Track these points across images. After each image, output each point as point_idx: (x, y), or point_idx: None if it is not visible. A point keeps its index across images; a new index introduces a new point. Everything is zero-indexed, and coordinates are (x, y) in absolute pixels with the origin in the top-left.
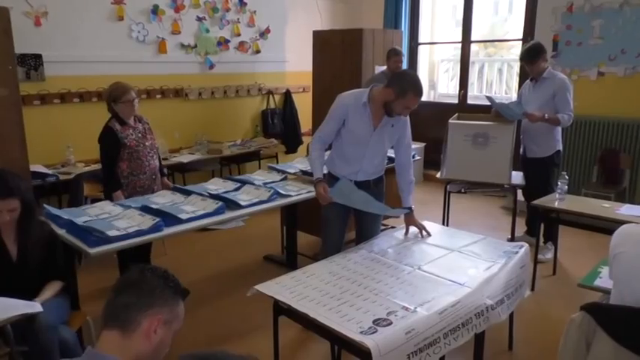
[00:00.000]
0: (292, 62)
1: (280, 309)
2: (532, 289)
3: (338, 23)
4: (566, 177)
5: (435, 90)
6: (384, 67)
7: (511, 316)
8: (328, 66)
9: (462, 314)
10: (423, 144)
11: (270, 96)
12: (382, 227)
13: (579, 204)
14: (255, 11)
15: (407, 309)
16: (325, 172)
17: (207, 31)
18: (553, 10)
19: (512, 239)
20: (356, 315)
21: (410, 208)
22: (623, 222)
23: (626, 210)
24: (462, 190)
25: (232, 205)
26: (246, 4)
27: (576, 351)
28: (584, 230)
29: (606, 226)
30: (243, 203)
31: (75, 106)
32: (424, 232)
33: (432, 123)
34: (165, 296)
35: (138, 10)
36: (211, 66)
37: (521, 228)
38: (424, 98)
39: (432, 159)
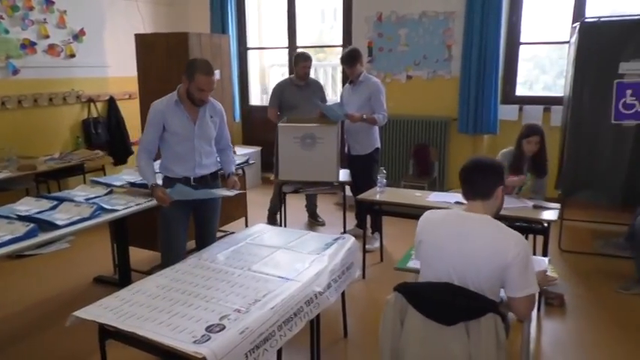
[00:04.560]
0: (115, 67)
1: (107, 333)
2: (363, 277)
3: (162, 26)
4: (384, 171)
5: (267, 94)
6: (215, 72)
7: (344, 304)
8: (154, 71)
9: (293, 304)
10: (259, 148)
11: (92, 104)
12: (222, 234)
13: (397, 195)
14: (65, 11)
15: (239, 311)
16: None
17: (7, 32)
18: (366, 19)
19: (344, 232)
20: (188, 325)
21: (231, 173)
22: (432, 208)
23: (433, 197)
24: (297, 190)
25: (47, 226)
26: (53, 2)
27: (393, 329)
28: (404, 218)
29: (420, 213)
30: (60, 223)
31: None
32: (235, 187)
33: (266, 127)
34: None
35: None
36: (15, 71)
37: (353, 221)
38: (257, 103)
39: (269, 162)
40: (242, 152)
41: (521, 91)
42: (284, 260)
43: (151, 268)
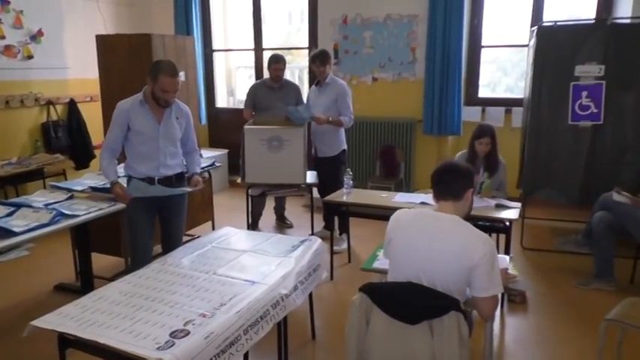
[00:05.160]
0: (75, 69)
1: (67, 342)
2: (331, 278)
3: (124, 28)
4: (351, 173)
5: (234, 96)
6: (180, 74)
7: (311, 306)
8: (116, 73)
9: (259, 308)
10: (226, 150)
11: (51, 107)
12: (189, 238)
13: (363, 196)
14: (21, 11)
15: (204, 315)
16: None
17: None
18: (331, 21)
19: (312, 234)
20: (152, 331)
21: (195, 173)
22: (398, 208)
23: (399, 198)
24: (264, 193)
25: (3, 233)
26: (9, 2)
27: (358, 329)
28: (371, 219)
29: (387, 214)
30: (17, 230)
31: None
32: (198, 186)
33: (233, 129)
34: None
35: None
36: None
37: (321, 223)
38: (223, 105)
39: (236, 165)
40: (208, 155)
41: (484, 92)
42: (250, 263)
43: (114, 275)
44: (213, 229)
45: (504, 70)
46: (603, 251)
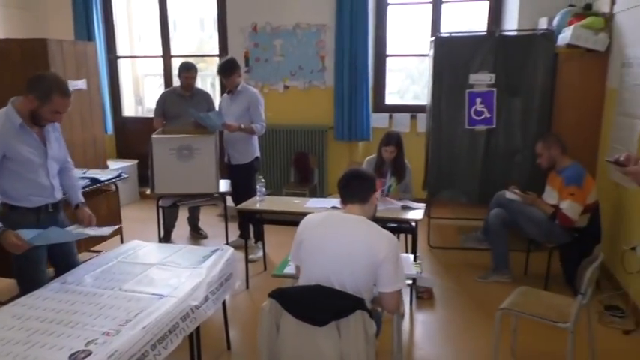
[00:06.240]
0: None
1: None
2: (247, 287)
3: (16, 32)
4: (263, 180)
5: (143, 105)
6: (81, 82)
7: (226, 316)
8: (8, 81)
9: (168, 321)
10: (135, 161)
11: None
12: (95, 254)
13: (276, 203)
14: None
15: (108, 333)
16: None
17: None
18: (241, 29)
19: (227, 243)
20: (49, 355)
21: (81, 203)
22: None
23: (311, 203)
24: (175, 204)
25: None
26: None
27: (269, 334)
28: (286, 226)
29: (300, 220)
30: None
31: None
32: (92, 222)
33: (143, 139)
34: None
35: None
36: None
37: (236, 232)
38: (131, 114)
39: (146, 175)
40: (115, 166)
41: (393, 100)
42: (159, 276)
43: (10, 298)
44: (122, 243)
45: (412, 78)
46: (499, 246)
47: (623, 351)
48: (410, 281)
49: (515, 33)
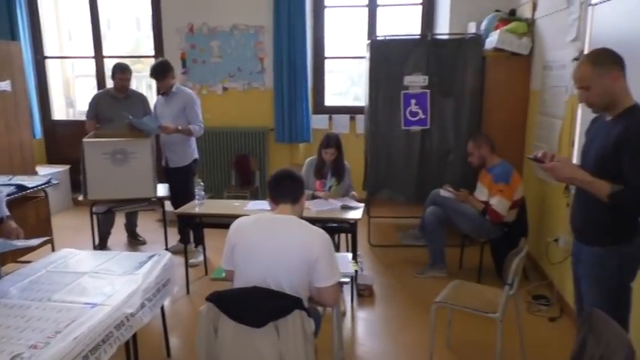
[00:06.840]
0: None
1: None
2: (187, 292)
3: None
4: (202, 183)
5: (74, 108)
6: (4, 83)
7: (164, 323)
8: None
9: (101, 331)
10: (67, 166)
11: None
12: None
13: (216, 206)
14: None
15: (36, 347)
16: None
17: None
18: (177, 29)
19: (166, 249)
20: None
21: (6, 216)
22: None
23: (251, 206)
24: (110, 210)
25: None
26: None
27: (207, 338)
28: (226, 229)
29: None
30: None
31: None
32: (20, 236)
33: (75, 143)
34: None
35: None
36: None
37: (176, 237)
38: (62, 117)
39: (79, 181)
40: (45, 172)
41: (333, 101)
42: (92, 285)
43: None
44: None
45: (353, 80)
46: (435, 242)
47: (549, 337)
48: (348, 279)
49: (446, 37)
